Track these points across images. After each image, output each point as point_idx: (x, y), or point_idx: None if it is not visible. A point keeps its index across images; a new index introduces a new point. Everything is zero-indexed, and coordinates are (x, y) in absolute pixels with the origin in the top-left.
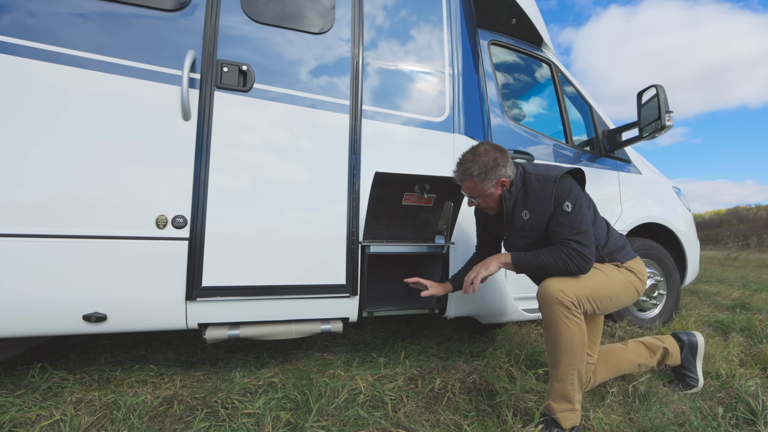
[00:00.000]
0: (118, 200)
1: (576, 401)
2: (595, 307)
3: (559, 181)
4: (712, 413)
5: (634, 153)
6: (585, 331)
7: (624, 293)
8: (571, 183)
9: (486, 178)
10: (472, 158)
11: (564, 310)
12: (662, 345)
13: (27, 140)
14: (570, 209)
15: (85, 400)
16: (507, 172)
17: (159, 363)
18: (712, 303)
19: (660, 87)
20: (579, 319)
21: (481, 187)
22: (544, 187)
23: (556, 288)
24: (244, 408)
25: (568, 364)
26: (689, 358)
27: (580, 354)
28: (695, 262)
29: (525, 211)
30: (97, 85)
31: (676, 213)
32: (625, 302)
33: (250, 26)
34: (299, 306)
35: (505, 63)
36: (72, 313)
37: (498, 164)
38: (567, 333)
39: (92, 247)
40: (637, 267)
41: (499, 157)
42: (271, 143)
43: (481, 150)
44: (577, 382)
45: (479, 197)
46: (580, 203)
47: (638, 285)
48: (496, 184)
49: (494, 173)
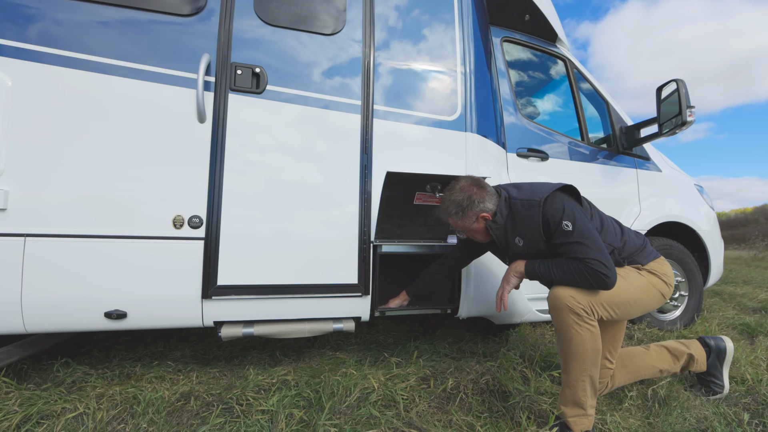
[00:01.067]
0: (137, 201)
1: (588, 406)
2: (612, 313)
3: (546, 203)
4: (737, 419)
5: (653, 150)
6: (598, 338)
7: (647, 297)
8: (561, 200)
9: (465, 216)
10: (449, 197)
11: (574, 317)
12: (687, 351)
13: (52, 144)
14: (571, 227)
15: (106, 394)
16: (486, 206)
17: (176, 359)
18: (737, 305)
19: (681, 81)
20: (591, 325)
21: (462, 224)
22: (531, 213)
23: (567, 294)
24: (259, 405)
25: (579, 371)
26: (716, 365)
27: (592, 361)
28: (719, 263)
29: (518, 237)
30: (117, 90)
31: (699, 211)
32: (650, 306)
33: (263, 29)
34: (312, 305)
35: (519, 60)
36: (94, 310)
37: (473, 201)
38: (578, 340)
39: (113, 246)
40: (660, 268)
41: (474, 194)
42: (284, 144)
43: (456, 188)
44: (590, 388)
45: (464, 232)
46: (577, 218)
47: (663, 288)
48: (477, 219)
49: (471, 210)
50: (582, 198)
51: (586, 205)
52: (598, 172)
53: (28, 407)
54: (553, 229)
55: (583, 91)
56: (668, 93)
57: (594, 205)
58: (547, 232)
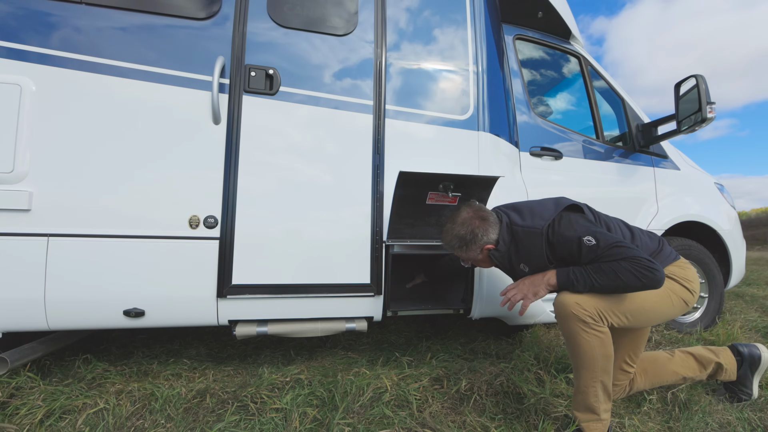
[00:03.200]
0: (155, 202)
1: (602, 411)
2: (625, 320)
3: (550, 231)
4: (762, 425)
5: (671, 148)
6: (608, 344)
7: (664, 304)
8: (568, 221)
9: (468, 249)
10: (452, 230)
11: (581, 324)
12: (716, 359)
13: (73, 147)
14: (594, 241)
15: (125, 390)
16: (489, 238)
17: (192, 357)
18: (760, 307)
19: (700, 77)
20: (599, 332)
21: (467, 256)
22: (534, 242)
23: (572, 301)
24: (273, 403)
25: (590, 378)
26: (747, 374)
27: (603, 367)
28: (740, 263)
29: (522, 264)
30: (135, 93)
31: (719, 211)
32: (670, 314)
33: (276, 31)
34: (325, 304)
35: (531, 58)
36: (114, 308)
37: (476, 235)
38: (586, 347)
39: (131, 246)
40: (680, 272)
41: (477, 227)
42: (297, 144)
43: (458, 221)
44: (602, 393)
45: (468, 262)
46: (591, 230)
47: (684, 294)
48: (481, 251)
49: (474, 244)
50: (585, 208)
51: (588, 213)
52: (613, 171)
53: (51, 402)
54: (576, 251)
55: (598, 89)
56: (687, 89)
57: (598, 212)
58: (563, 258)
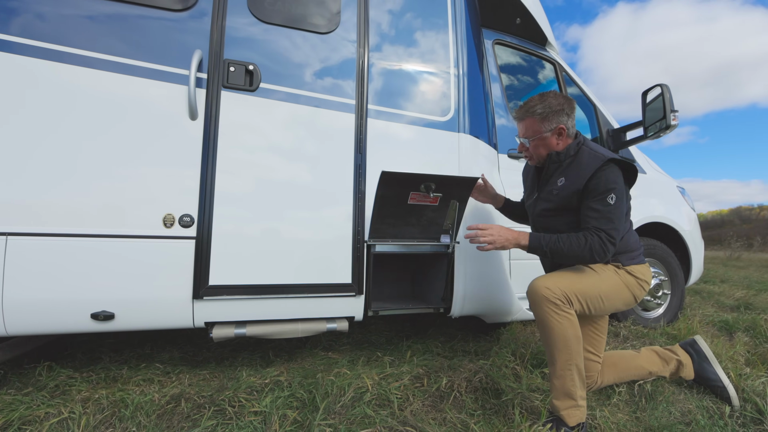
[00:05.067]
0: (126, 199)
1: (579, 397)
2: (586, 307)
3: (609, 167)
4: (719, 412)
5: (638, 152)
6: (578, 326)
7: (617, 296)
8: (619, 176)
9: (546, 119)
10: (540, 100)
11: (552, 306)
12: (675, 356)
13: (32, 140)
14: (613, 202)
15: (92, 398)
16: (568, 123)
17: (165, 362)
18: (716, 303)
19: (665, 86)
20: (569, 314)
21: (539, 128)
22: (591, 163)
23: (542, 286)
24: (251, 406)
25: (565, 359)
26: (704, 367)
27: (576, 349)
28: (699, 262)
29: (562, 177)
30: (104, 85)
31: (681, 212)
32: (619, 306)
33: (257, 27)
34: (305, 305)
35: (509, 63)
36: (80, 311)
37: (563, 110)
38: (559, 329)
39: (100, 246)
40: (640, 271)
41: (565, 106)
42: (278, 142)
43: (550, 94)
44: (577, 377)
45: (533, 138)
46: (621, 199)
47: (636, 290)
48: (554, 130)
49: (556, 117)
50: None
51: (629, 194)
52: None
53: (8, 413)
54: (597, 192)
55: (572, 94)
56: (653, 97)
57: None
58: (588, 189)
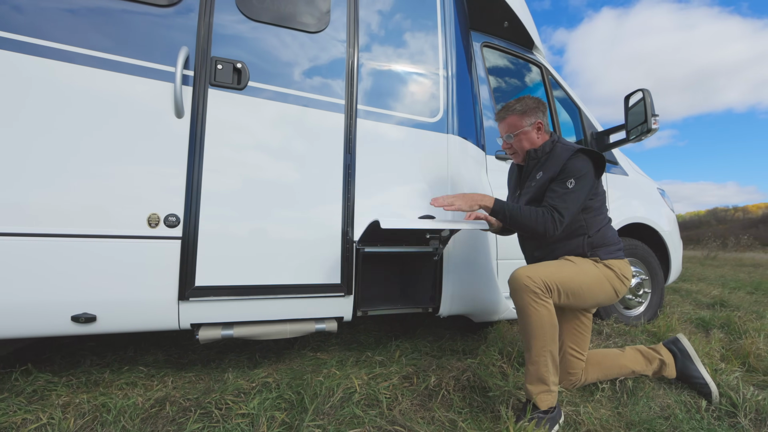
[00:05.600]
0: (109, 199)
1: (551, 383)
2: (565, 297)
3: (577, 156)
4: (696, 406)
5: (620, 155)
6: (554, 315)
7: (598, 289)
8: (587, 166)
9: (525, 114)
10: (517, 100)
11: (531, 294)
12: (658, 356)
13: (10, 137)
14: (572, 186)
15: (73, 403)
16: (545, 120)
17: (149, 364)
18: (693, 301)
19: (646, 91)
20: (547, 303)
21: (520, 123)
22: (562, 154)
23: (524, 275)
24: (239, 408)
25: (540, 346)
26: (687, 365)
27: (551, 336)
28: (678, 262)
29: (541, 172)
30: (86, 81)
31: (661, 213)
32: (601, 299)
33: (245, 24)
34: (294, 305)
35: (497, 66)
36: (60, 314)
37: (538, 108)
38: (536, 316)
39: (81, 246)
40: (618, 266)
41: (540, 105)
42: (266, 141)
43: (525, 96)
44: (551, 363)
45: (516, 133)
46: (582, 187)
47: (617, 284)
48: (533, 124)
49: (534, 113)
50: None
51: (602, 184)
52: None
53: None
54: (561, 175)
55: (558, 98)
56: (635, 101)
57: (605, 191)
58: (556, 173)
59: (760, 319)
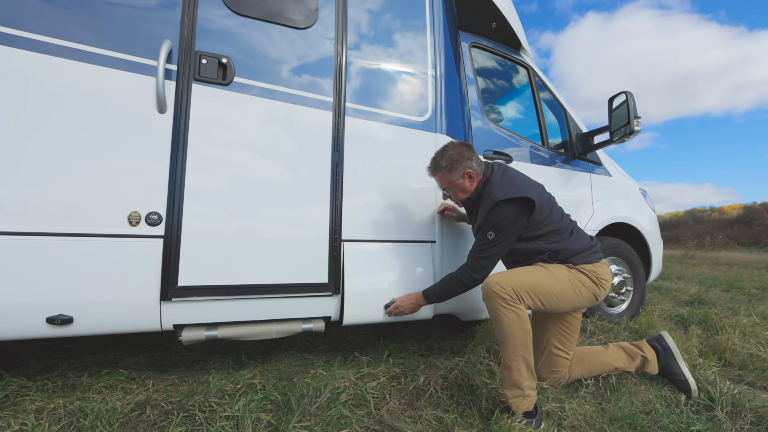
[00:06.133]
0: (86, 196)
1: (526, 387)
2: (538, 302)
3: (496, 208)
4: (675, 401)
5: (604, 156)
6: (525, 320)
7: (573, 294)
8: (507, 215)
9: (453, 170)
10: (442, 153)
11: (501, 300)
12: (641, 352)
13: None
14: (491, 238)
15: (47, 408)
16: (472, 165)
17: (129, 367)
18: (672, 298)
19: (629, 93)
20: (517, 308)
21: (450, 178)
22: (486, 206)
23: (493, 281)
24: (223, 411)
25: (512, 351)
26: (669, 362)
27: (522, 341)
28: (659, 260)
29: (477, 216)
30: (65, 74)
31: (642, 213)
32: (579, 303)
33: (231, 19)
34: (280, 305)
35: (485, 66)
36: (34, 315)
37: (463, 157)
38: (506, 322)
39: (57, 245)
40: (592, 270)
41: (465, 151)
42: (253, 138)
43: (449, 146)
44: (524, 368)
45: (449, 188)
46: (502, 237)
47: (593, 287)
48: (463, 175)
49: (460, 165)
50: (540, 206)
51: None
52: (556, 175)
53: None
54: (484, 226)
55: (544, 99)
56: (618, 104)
57: (555, 210)
58: (482, 222)
59: (735, 315)
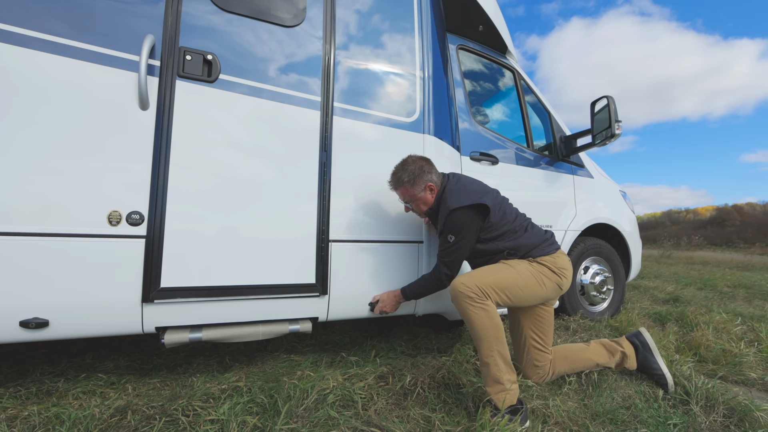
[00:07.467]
0: (64, 194)
1: (506, 381)
2: (505, 298)
3: (451, 216)
4: (653, 396)
5: (587, 158)
6: (495, 315)
7: (536, 286)
8: (461, 219)
9: (415, 184)
10: (402, 168)
11: (468, 300)
12: (620, 348)
13: None
14: (452, 241)
15: (20, 415)
16: (432, 177)
17: (109, 371)
18: (650, 297)
19: (611, 98)
20: (485, 305)
21: (412, 192)
22: (443, 213)
23: (459, 282)
24: (207, 414)
25: (486, 347)
26: (647, 357)
27: (495, 336)
28: (638, 260)
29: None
30: (43, 68)
31: (622, 215)
32: (544, 294)
33: (217, 15)
34: (267, 306)
35: (472, 69)
36: (6, 319)
37: (424, 171)
38: (476, 319)
39: (31, 245)
40: (550, 261)
41: (425, 165)
42: (238, 137)
43: (409, 161)
44: (502, 362)
45: (412, 201)
46: (462, 238)
47: (555, 279)
48: (425, 189)
49: (421, 179)
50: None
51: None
52: (541, 177)
53: None
54: (444, 231)
55: (529, 102)
56: (600, 107)
57: (509, 211)
58: (442, 227)
59: (709, 312)
